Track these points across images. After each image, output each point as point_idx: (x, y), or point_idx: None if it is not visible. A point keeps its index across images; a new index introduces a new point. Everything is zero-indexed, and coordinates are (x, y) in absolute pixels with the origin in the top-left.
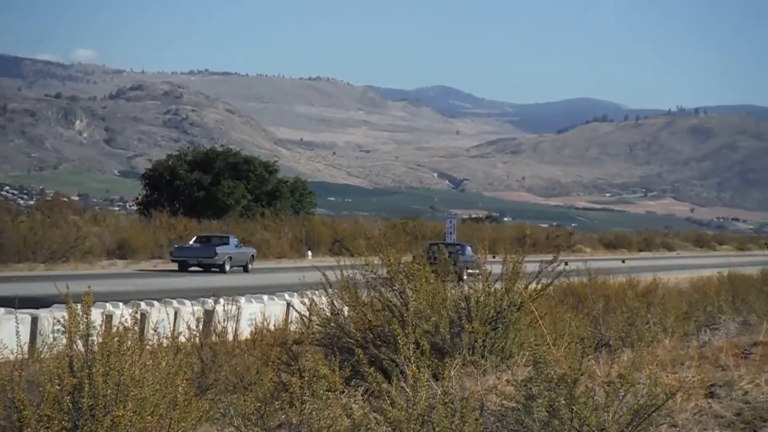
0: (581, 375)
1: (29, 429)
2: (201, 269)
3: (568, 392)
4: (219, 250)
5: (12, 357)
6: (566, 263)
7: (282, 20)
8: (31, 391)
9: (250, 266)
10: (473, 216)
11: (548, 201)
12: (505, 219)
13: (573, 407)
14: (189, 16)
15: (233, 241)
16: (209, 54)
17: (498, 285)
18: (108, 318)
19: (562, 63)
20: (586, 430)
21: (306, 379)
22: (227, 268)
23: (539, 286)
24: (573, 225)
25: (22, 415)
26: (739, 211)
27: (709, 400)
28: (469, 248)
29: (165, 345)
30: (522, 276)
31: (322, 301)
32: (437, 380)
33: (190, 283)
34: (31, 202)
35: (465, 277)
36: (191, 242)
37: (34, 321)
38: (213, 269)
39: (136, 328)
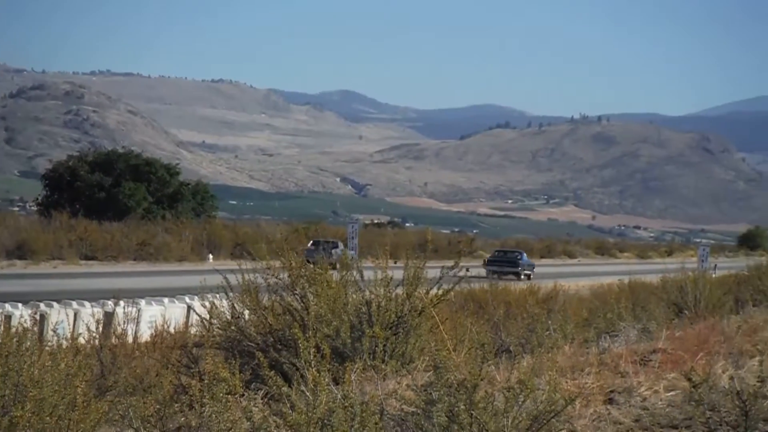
0: (481, 380)
1: None
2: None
3: (468, 397)
4: (336, 252)
5: None
6: (467, 269)
7: (185, 22)
8: None
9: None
10: (375, 221)
11: (450, 207)
12: (408, 224)
13: (472, 412)
14: (91, 16)
15: (340, 245)
16: (111, 55)
17: (399, 290)
18: (7, 319)
19: (466, 69)
20: None
21: (206, 382)
22: (523, 275)
23: (440, 292)
24: (475, 231)
25: None
26: (641, 219)
27: (608, 407)
28: (525, 255)
29: (64, 346)
30: (423, 281)
31: (223, 304)
32: (337, 384)
33: (91, 285)
34: None
35: (522, 277)
36: (309, 245)
37: None
38: (513, 277)
39: (35, 329)
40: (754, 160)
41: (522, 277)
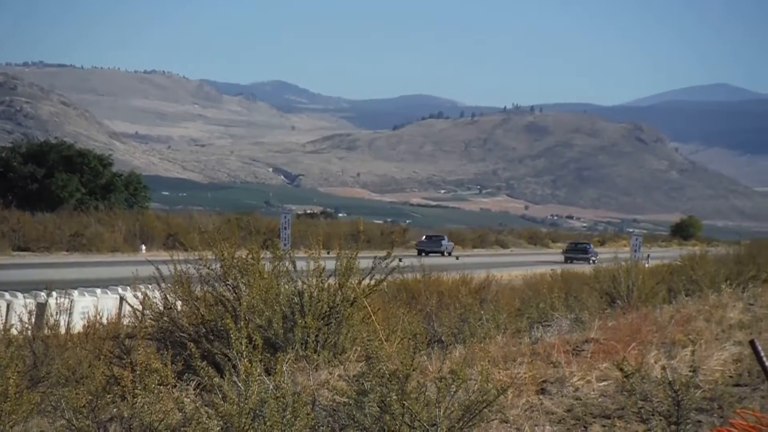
0: (413, 371)
1: None
2: (432, 254)
3: (400, 388)
4: (442, 243)
5: None
6: (400, 259)
7: (118, 13)
8: None
9: (452, 252)
10: (308, 212)
11: (383, 197)
12: (340, 215)
13: (404, 402)
14: (24, 7)
15: (446, 238)
16: (44, 46)
17: (331, 280)
18: None
19: (398, 59)
20: (417, 425)
21: (138, 372)
22: (446, 254)
23: (373, 282)
24: (407, 221)
25: None
26: (574, 209)
27: (541, 397)
28: (591, 245)
29: None
30: (355, 272)
31: (156, 295)
32: (269, 375)
33: (23, 276)
34: None
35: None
36: (423, 238)
37: None
38: (438, 255)
39: None
40: (687, 149)
41: (590, 261)
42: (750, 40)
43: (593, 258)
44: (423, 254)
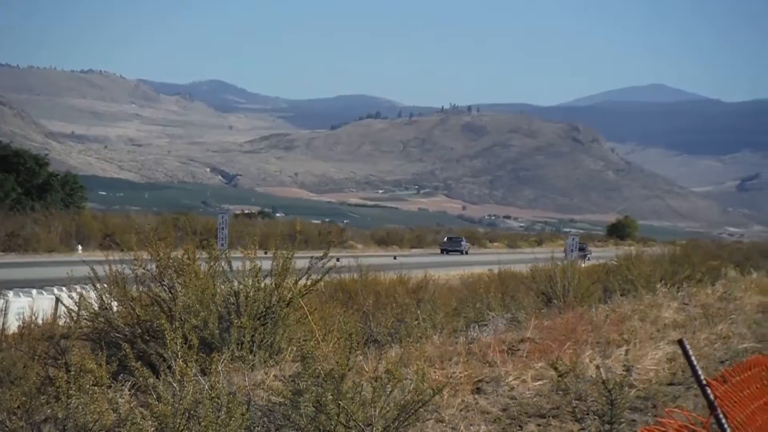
0: (349, 370)
1: None
2: (452, 253)
3: (336, 387)
4: (462, 244)
5: None
6: (338, 259)
7: (54, 11)
8: None
9: (468, 251)
10: (246, 212)
11: (321, 197)
12: (278, 215)
13: (340, 402)
14: None
15: (464, 240)
16: None
17: (268, 281)
18: None
19: (336, 59)
20: (353, 425)
21: (72, 373)
22: (464, 252)
23: (309, 282)
24: (345, 221)
25: None
26: (511, 209)
27: (476, 396)
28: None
29: None
30: (292, 272)
31: (91, 295)
32: (205, 375)
33: None
34: None
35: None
36: (445, 239)
37: None
38: (458, 253)
39: None
40: (624, 150)
41: (587, 258)
42: (686, 41)
43: (588, 254)
44: (445, 252)
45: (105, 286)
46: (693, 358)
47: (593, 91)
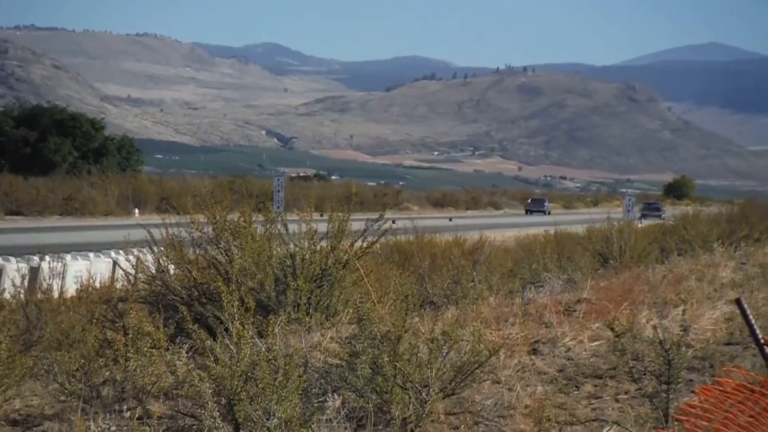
0: (405, 332)
1: None
2: (536, 213)
3: (392, 349)
4: (545, 205)
5: None
6: (393, 221)
7: None
8: None
9: (550, 212)
10: (301, 174)
11: (376, 159)
12: (333, 177)
13: (396, 364)
14: None
15: (546, 201)
16: (35, 9)
17: (324, 243)
18: None
19: (391, 20)
20: (409, 386)
21: (130, 336)
22: (547, 213)
23: (365, 244)
24: (401, 183)
25: None
26: (567, 170)
27: (533, 357)
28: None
29: None
30: (348, 234)
31: (148, 259)
32: (262, 337)
33: (16, 240)
34: None
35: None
36: (529, 201)
37: None
38: (542, 213)
39: None
40: (680, 109)
41: (662, 218)
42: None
43: (664, 215)
44: (530, 213)
45: (162, 249)
46: (751, 317)
47: (648, 51)
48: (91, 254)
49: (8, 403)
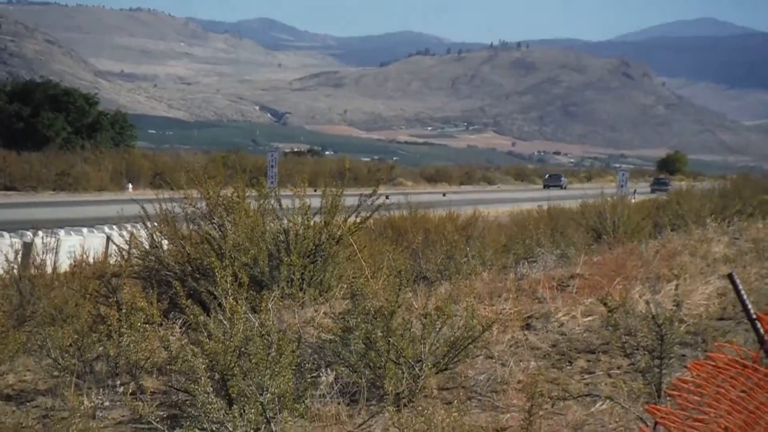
0: (398, 307)
1: None
2: (553, 188)
3: (385, 324)
4: (561, 180)
5: None
6: (387, 197)
7: None
8: None
9: (566, 187)
10: (295, 150)
11: (370, 135)
12: (327, 153)
13: (390, 339)
14: None
15: (563, 176)
16: None
17: (317, 218)
18: None
19: None
20: (402, 361)
21: (124, 311)
22: (563, 188)
23: (358, 220)
24: (394, 159)
25: None
26: (561, 145)
27: (526, 332)
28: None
29: None
30: (341, 209)
31: (142, 234)
32: (255, 313)
33: (9, 215)
34: None
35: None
36: (547, 176)
37: None
38: (558, 188)
39: None
40: (675, 84)
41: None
42: None
43: (670, 188)
44: (547, 188)
45: (155, 224)
46: (743, 292)
47: (642, 26)
48: (85, 229)
49: (2, 378)
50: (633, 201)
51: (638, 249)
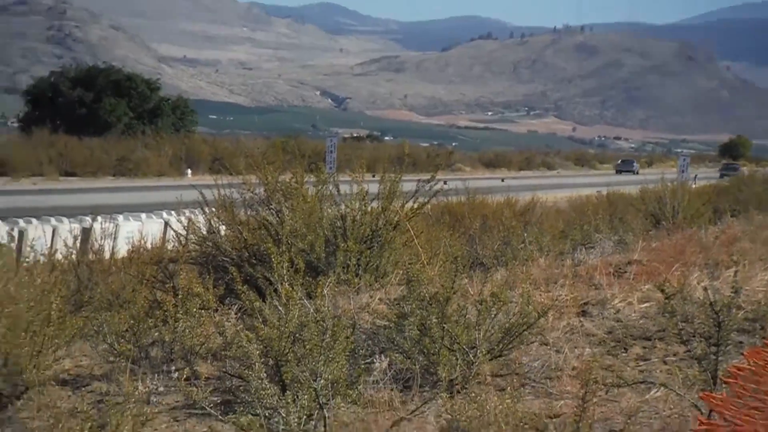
0: (454, 293)
1: None
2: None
3: (440, 311)
4: (633, 165)
5: None
6: (445, 182)
7: None
8: None
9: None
10: (354, 135)
11: (430, 120)
12: (387, 138)
13: (444, 325)
14: None
15: (635, 162)
16: None
17: (375, 204)
18: None
19: None
20: (456, 347)
21: (180, 297)
22: (635, 173)
23: (416, 205)
24: (454, 144)
25: None
26: (621, 130)
27: (581, 319)
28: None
29: (41, 262)
30: (399, 195)
31: (199, 219)
32: (311, 299)
33: (69, 201)
34: None
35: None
36: (619, 162)
37: None
38: (630, 173)
39: (12, 245)
40: (739, 68)
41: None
42: None
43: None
44: (620, 173)
45: (213, 210)
46: None
47: (706, 9)
48: (143, 215)
49: (58, 363)
50: (693, 186)
51: (697, 235)
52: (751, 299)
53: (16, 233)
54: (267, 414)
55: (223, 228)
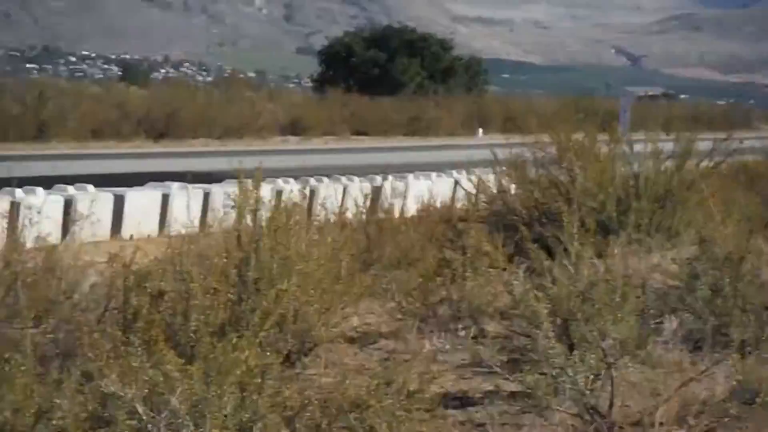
0: (748, 253)
1: (196, 300)
2: None
3: (733, 271)
4: None
5: (183, 231)
6: (741, 141)
7: None
8: (200, 264)
9: None
10: (649, 94)
11: (727, 78)
12: (682, 96)
13: (737, 285)
14: None
15: None
16: None
17: (668, 163)
18: (278, 194)
19: None
20: (749, 308)
21: (468, 255)
22: None
23: (711, 165)
24: (751, 102)
25: (189, 287)
26: None
27: None
28: None
29: (332, 221)
30: (694, 154)
31: (489, 179)
32: (600, 258)
33: (360, 160)
34: (209, 79)
35: None
36: None
37: (206, 196)
38: None
39: (304, 203)
40: None
41: None
42: None
43: None
44: None
45: (504, 169)
46: None
47: None
48: (433, 174)
49: (346, 320)
50: None
51: None
52: None
53: (307, 192)
54: (554, 373)
55: (513, 187)
